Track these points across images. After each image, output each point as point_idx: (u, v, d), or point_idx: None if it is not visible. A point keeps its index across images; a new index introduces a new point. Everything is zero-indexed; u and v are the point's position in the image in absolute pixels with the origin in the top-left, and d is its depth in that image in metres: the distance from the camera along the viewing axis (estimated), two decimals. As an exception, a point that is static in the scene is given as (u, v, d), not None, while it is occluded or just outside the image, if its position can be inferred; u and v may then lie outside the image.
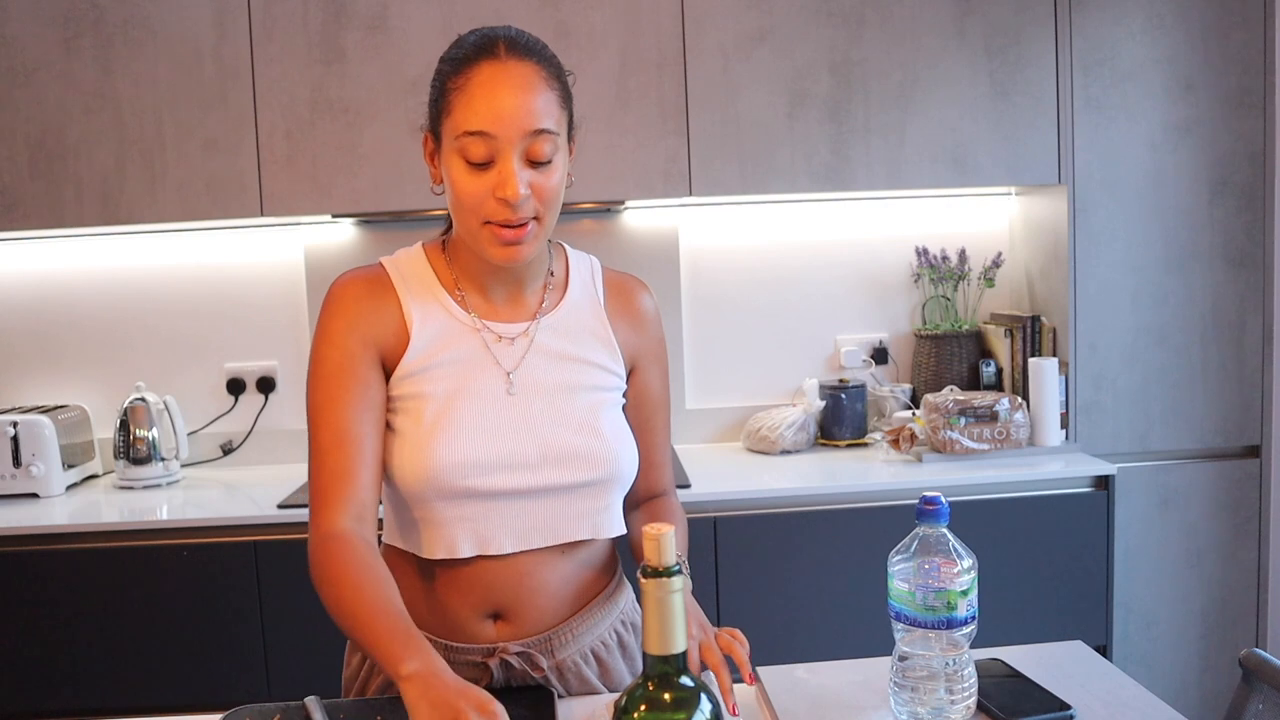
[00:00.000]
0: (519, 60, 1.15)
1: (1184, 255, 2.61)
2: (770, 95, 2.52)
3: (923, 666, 1.10)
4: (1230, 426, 2.65)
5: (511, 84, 1.13)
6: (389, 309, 1.23)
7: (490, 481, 1.20)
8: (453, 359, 1.23)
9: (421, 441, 1.19)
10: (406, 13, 2.46)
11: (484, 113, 1.13)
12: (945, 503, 1.10)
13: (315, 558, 1.14)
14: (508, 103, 1.13)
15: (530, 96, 1.14)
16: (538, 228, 1.18)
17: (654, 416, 1.37)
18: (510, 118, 1.12)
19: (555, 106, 1.16)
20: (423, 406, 1.21)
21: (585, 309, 1.31)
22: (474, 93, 1.14)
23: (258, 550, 2.27)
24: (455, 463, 1.19)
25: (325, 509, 1.16)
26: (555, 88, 1.17)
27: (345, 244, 2.75)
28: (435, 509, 1.21)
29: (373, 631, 1.05)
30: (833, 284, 2.89)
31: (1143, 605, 2.64)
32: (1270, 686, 1.16)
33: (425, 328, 1.23)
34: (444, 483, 1.19)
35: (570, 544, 1.27)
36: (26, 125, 2.45)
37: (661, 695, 0.85)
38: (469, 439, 1.20)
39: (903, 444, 2.54)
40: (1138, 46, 2.55)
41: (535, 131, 1.14)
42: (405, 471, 1.20)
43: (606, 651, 1.32)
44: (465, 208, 1.16)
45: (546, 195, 1.16)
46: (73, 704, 2.28)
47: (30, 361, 2.79)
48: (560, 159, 1.18)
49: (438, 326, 1.24)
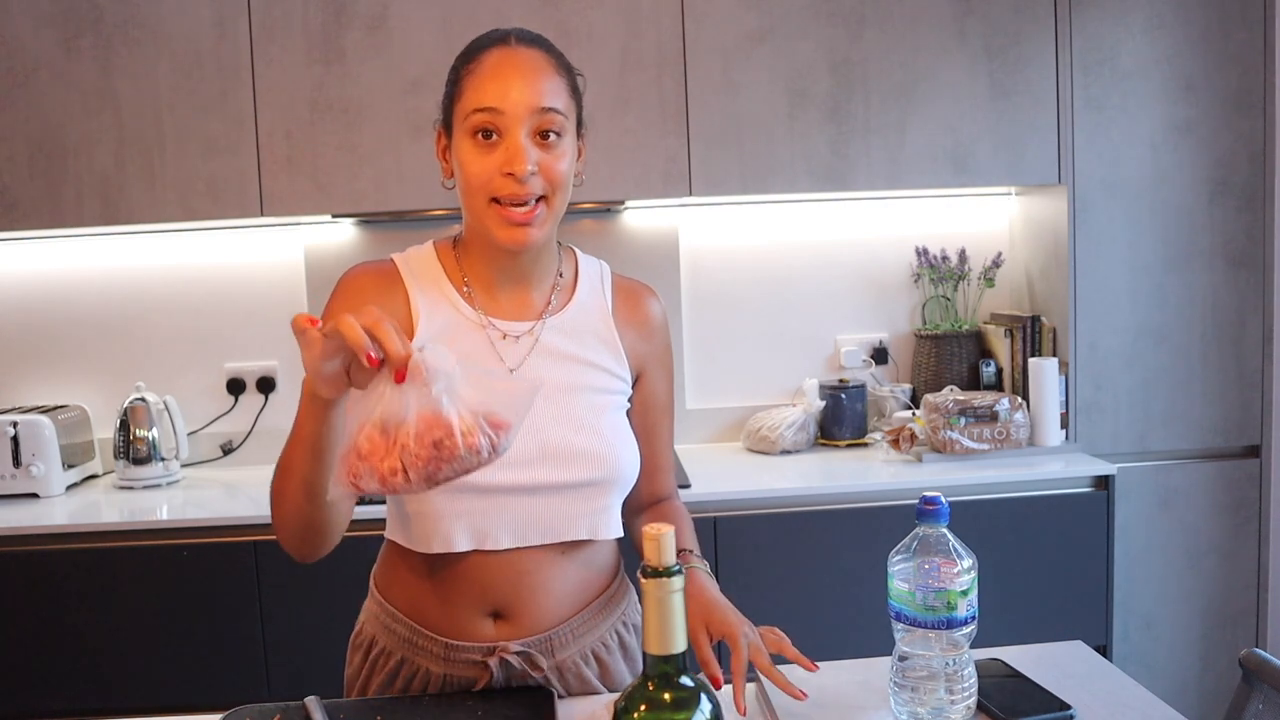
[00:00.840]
0: (528, 47, 1.20)
1: (1184, 255, 2.61)
2: (770, 95, 2.52)
3: (923, 666, 1.10)
4: (1230, 426, 2.65)
5: (520, 66, 1.18)
6: (396, 301, 1.26)
7: (488, 476, 1.19)
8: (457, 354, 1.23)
9: None
10: (406, 13, 2.46)
11: (493, 90, 1.17)
12: (945, 503, 1.10)
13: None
14: (516, 82, 1.17)
15: (538, 78, 1.18)
16: (546, 210, 1.20)
17: (659, 423, 1.38)
18: (518, 95, 1.16)
19: (563, 92, 1.20)
20: None
21: (593, 312, 1.31)
22: (484, 74, 1.18)
23: (258, 550, 2.27)
24: None
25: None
26: (563, 76, 1.22)
27: (345, 244, 2.75)
28: (433, 503, 1.22)
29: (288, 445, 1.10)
30: (833, 284, 2.89)
31: (1143, 605, 2.64)
32: (1270, 686, 1.16)
33: (431, 321, 1.25)
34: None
35: (570, 544, 1.27)
36: (26, 125, 2.45)
37: (661, 695, 0.85)
38: None
39: (903, 444, 2.54)
40: (1138, 46, 2.55)
41: (542, 109, 1.17)
42: None
43: (607, 652, 1.32)
44: (473, 187, 1.19)
45: (554, 176, 1.19)
46: (73, 704, 2.28)
47: (30, 361, 2.79)
48: (568, 144, 1.21)
49: (443, 321, 1.25)
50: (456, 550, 1.22)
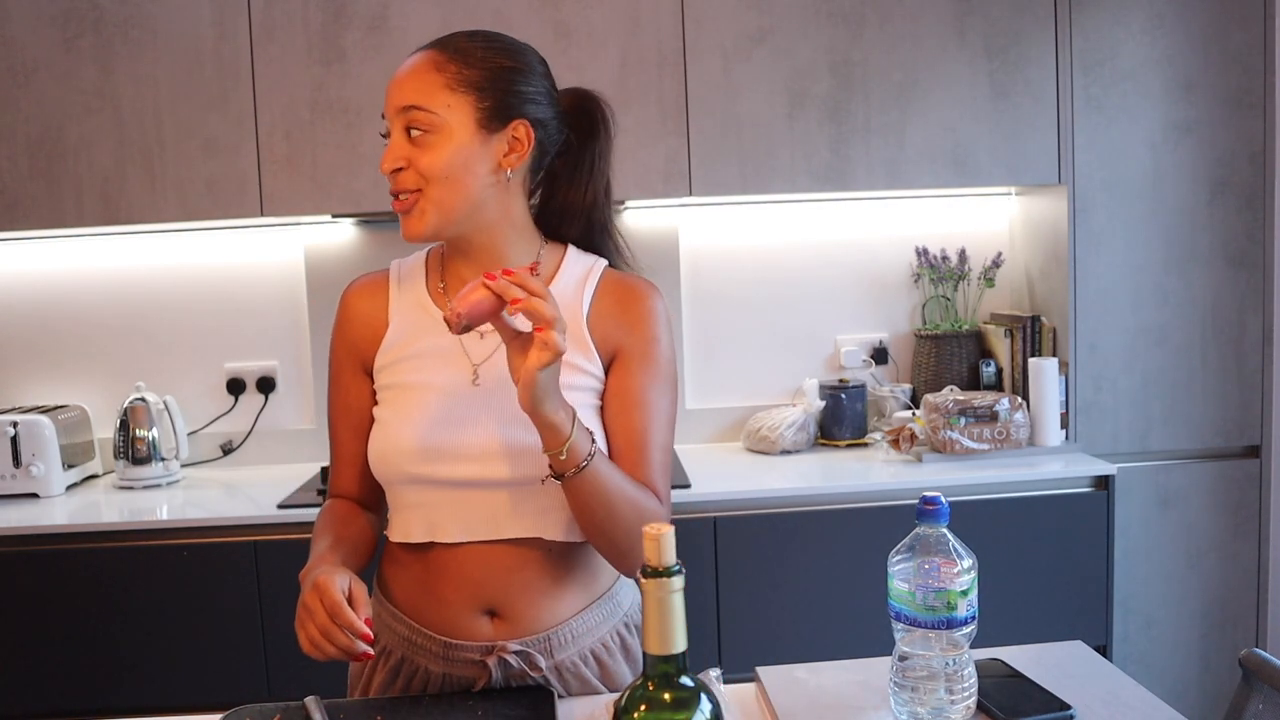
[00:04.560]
0: (427, 49, 1.25)
1: (1184, 255, 2.61)
2: (770, 95, 2.52)
3: (923, 666, 1.10)
4: (1230, 426, 2.65)
5: (405, 68, 1.23)
6: (376, 310, 1.33)
7: (435, 470, 1.24)
8: (424, 352, 1.28)
9: (384, 429, 1.28)
10: (406, 13, 2.46)
11: (386, 93, 1.24)
12: (945, 503, 1.10)
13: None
14: (393, 84, 1.23)
15: (410, 78, 1.22)
16: (422, 202, 1.22)
17: (631, 417, 1.27)
18: (391, 96, 1.22)
19: (438, 88, 1.21)
20: (394, 397, 1.29)
21: (563, 307, 1.28)
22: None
23: (258, 550, 2.27)
24: (403, 450, 1.25)
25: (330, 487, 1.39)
26: (448, 72, 1.21)
27: (345, 244, 2.75)
28: (396, 493, 1.30)
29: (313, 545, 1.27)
30: (833, 284, 2.89)
31: (1143, 605, 2.64)
32: (1270, 686, 1.16)
33: (401, 323, 1.31)
34: (393, 468, 1.26)
35: (559, 543, 1.26)
36: (26, 125, 2.45)
37: (661, 695, 0.84)
38: (419, 429, 1.24)
39: (903, 444, 2.54)
40: (1138, 46, 2.55)
41: (404, 108, 1.21)
42: (372, 457, 1.29)
43: (607, 653, 1.32)
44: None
45: (423, 169, 1.21)
46: (73, 704, 2.28)
47: (30, 361, 2.79)
48: (449, 140, 1.20)
49: (412, 322, 1.30)
50: (413, 541, 1.27)
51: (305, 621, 1.12)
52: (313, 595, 1.11)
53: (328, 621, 1.09)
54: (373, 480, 1.32)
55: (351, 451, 1.34)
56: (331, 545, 1.24)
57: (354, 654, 1.10)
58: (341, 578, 1.13)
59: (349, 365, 1.34)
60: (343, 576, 1.13)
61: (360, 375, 1.33)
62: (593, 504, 1.17)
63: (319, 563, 1.19)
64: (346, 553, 1.25)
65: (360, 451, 1.32)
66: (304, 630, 1.12)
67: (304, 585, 1.16)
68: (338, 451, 1.36)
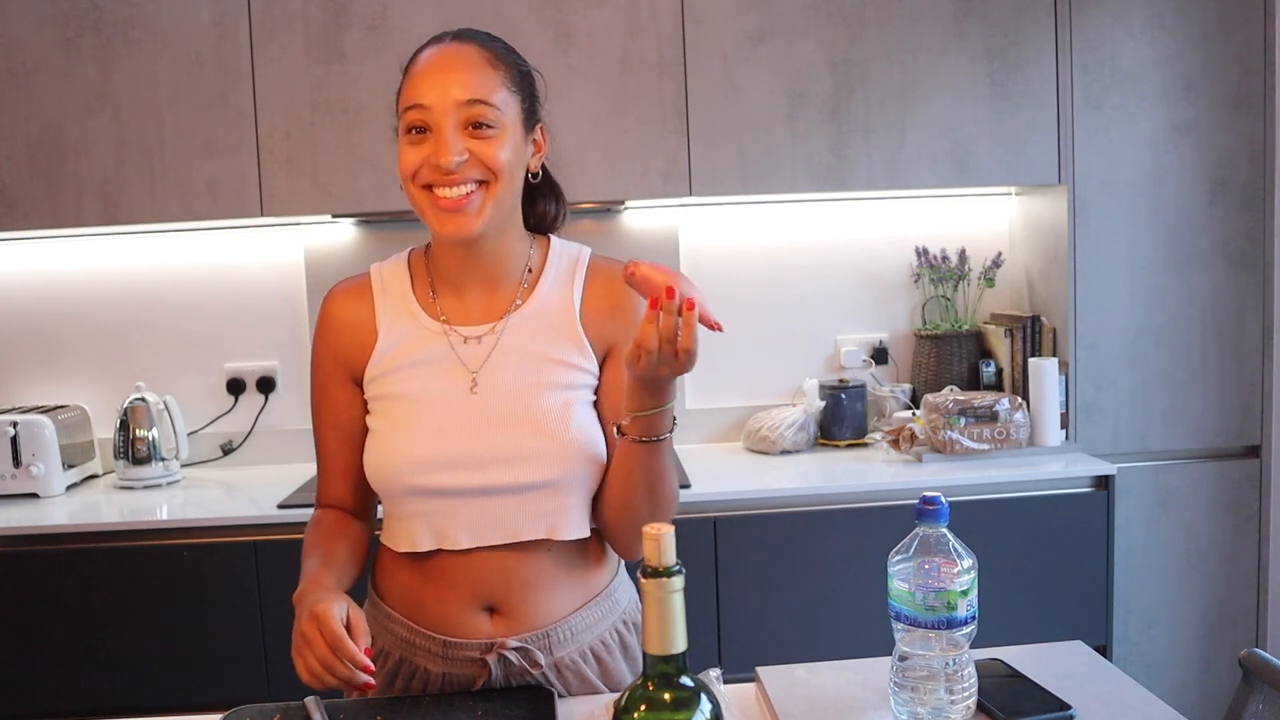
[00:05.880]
0: (461, 43, 1.23)
1: (1184, 255, 2.61)
2: (770, 95, 2.52)
3: (923, 666, 1.10)
4: (1230, 426, 2.65)
5: (448, 61, 1.21)
6: (362, 319, 1.31)
7: (439, 480, 1.23)
8: (418, 361, 1.27)
9: (381, 441, 1.27)
10: (406, 13, 2.46)
11: (422, 86, 1.20)
12: (945, 503, 1.10)
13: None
14: (441, 78, 1.19)
15: (465, 72, 1.20)
16: (484, 195, 1.20)
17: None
18: (443, 89, 1.18)
19: (496, 84, 1.20)
20: (389, 408, 1.27)
21: (554, 304, 1.30)
22: (417, 73, 1.22)
23: (258, 550, 2.27)
24: (405, 461, 1.24)
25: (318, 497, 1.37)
26: (499, 69, 1.22)
27: (345, 244, 2.75)
28: (397, 504, 1.28)
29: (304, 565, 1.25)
30: (833, 284, 2.89)
31: (1143, 605, 2.64)
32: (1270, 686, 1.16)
33: (391, 333, 1.29)
34: (395, 480, 1.25)
35: (558, 541, 1.26)
36: (26, 125, 2.45)
37: (661, 695, 0.85)
38: (420, 439, 1.24)
39: (903, 444, 2.54)
40: (1138, 46, 2.55)
41: (469, 102, 1.18)
42: (369, 470, 1.28)
43: (607, 651, 1.32)
44: (405, 176, 1.22)
45: (489, 162, 1.19)
46: (73, 704, 2.28)
47: (30, 361, 2.79)
48: (507, 136, 1.21)
49: (403, 331, 1.28)
50: (420, 550, 1.25)
51: (304, 651, 1.11)
52: (311, 625, 1.10)
53: (329, 654, 1.09)
54: (364, 490, 1.31)
55: (343, 463, 1.32)
56: (323, 563, 1.23)
57: (355, 684, 1.10)
58: (339, 606, 1.12)
59: (336, 376, 1.32)
60: (340, 605, 1.12)
61: (349, 386, 1.31)
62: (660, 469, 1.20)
63: (313, 586, 1.18)
64: (339, 569, 1.24)
65: (352, 463, 1.31)
66: (302, 660, 1.11)
67: (299, 610, 1.14)
68: (327, 464, 1.34)
